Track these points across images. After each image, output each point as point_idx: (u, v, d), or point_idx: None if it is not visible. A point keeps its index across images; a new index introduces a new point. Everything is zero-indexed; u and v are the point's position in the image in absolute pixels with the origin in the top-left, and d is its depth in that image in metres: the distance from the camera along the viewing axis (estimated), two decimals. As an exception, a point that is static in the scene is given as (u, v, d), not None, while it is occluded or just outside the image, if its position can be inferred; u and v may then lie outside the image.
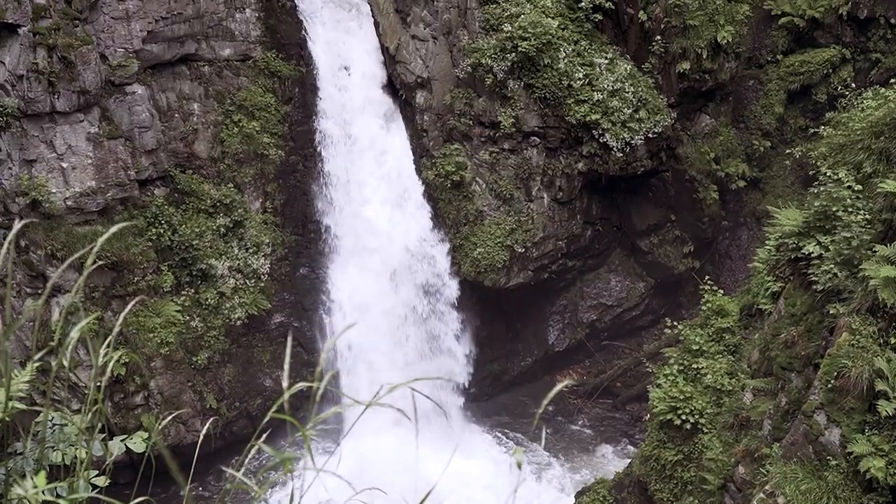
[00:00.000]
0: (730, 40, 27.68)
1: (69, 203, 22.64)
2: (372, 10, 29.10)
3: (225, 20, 25.87)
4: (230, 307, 25.54)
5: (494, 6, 26.18)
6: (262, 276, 26.34)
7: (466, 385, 28.90)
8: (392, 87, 28.89)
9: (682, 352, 19.57)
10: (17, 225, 3.04)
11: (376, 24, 28.96)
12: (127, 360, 22.24)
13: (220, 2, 25.59)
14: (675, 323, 21.52)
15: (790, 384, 15.80)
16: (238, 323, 25.78)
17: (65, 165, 22.61)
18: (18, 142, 21.98)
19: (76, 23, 22.26)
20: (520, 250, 27.38)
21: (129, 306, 3.83)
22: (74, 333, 2.92)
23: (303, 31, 27.83)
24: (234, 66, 26.34)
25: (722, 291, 20.46)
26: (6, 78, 21.44)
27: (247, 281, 25.98)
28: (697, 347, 19.12)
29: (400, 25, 28.30)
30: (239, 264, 25.72)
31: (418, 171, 28.23)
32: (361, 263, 28.09)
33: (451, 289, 28.11)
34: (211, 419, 25.11)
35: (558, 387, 3.00)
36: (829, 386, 13.83)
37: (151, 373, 24.05)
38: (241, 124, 25.96)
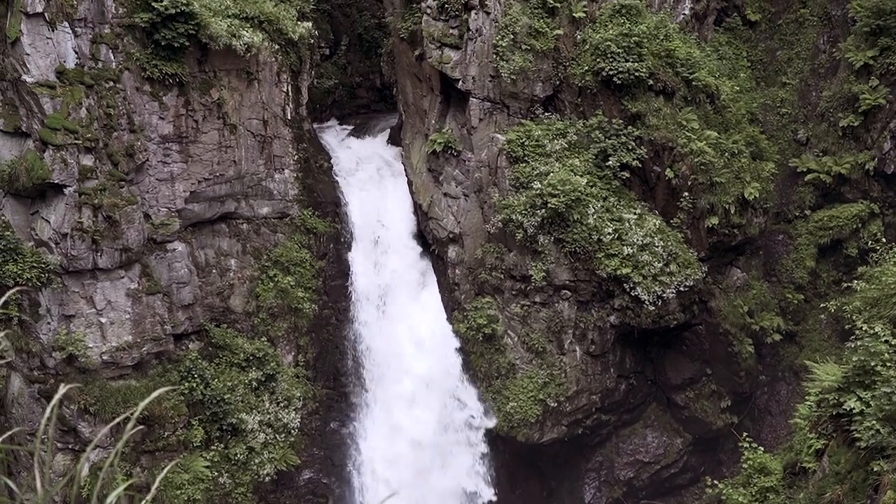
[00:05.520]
0: (757, 196, 28.07)
1: (105, 357, 22.85)
2: (405, 170, 30.14)
3: (264, 180, 26.79)
4: (259, 462, 25.18)
5: (524, 165, 26.92)
6: (293, 431, 26.07)
7: None
8: (424, 241, 29.48)
9: (725, 513, 18.84)
10: (63, 389, 3.12)
11: (409, 183, 29.91)
12: (153, 519, 21.84)
13: (260, 163, 26.59)
14: (716, 482, 20.82)
15: (839, 548, 15.07)
16: (266, 479, 25.35)
17: (103, 321, 22.95)
18: (59, 297, 22.42)
19: (122, 184, 23.06)
20: (553, 404, 26.98)
21: (164, 471, 3.84)
22: (111, 499, 2.94)
23: (339, 190, 28.74)
24: (272, 224, 27.06)
25: (763, 448, 19.89)
26: (50, 236, 22.08)
27: (277, 435, 25.71)
28: (740, 508, 18.42)
29: (432, 184, 29.15)
30: (269, 418, 25.53)
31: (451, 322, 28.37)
32: (393, 420, 27.76)
33: (481, 448, 27.59)
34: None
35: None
36: (880, 550, 13.20)
37: (177, 532, 23.50)
38: (276, 279, 26.40)
